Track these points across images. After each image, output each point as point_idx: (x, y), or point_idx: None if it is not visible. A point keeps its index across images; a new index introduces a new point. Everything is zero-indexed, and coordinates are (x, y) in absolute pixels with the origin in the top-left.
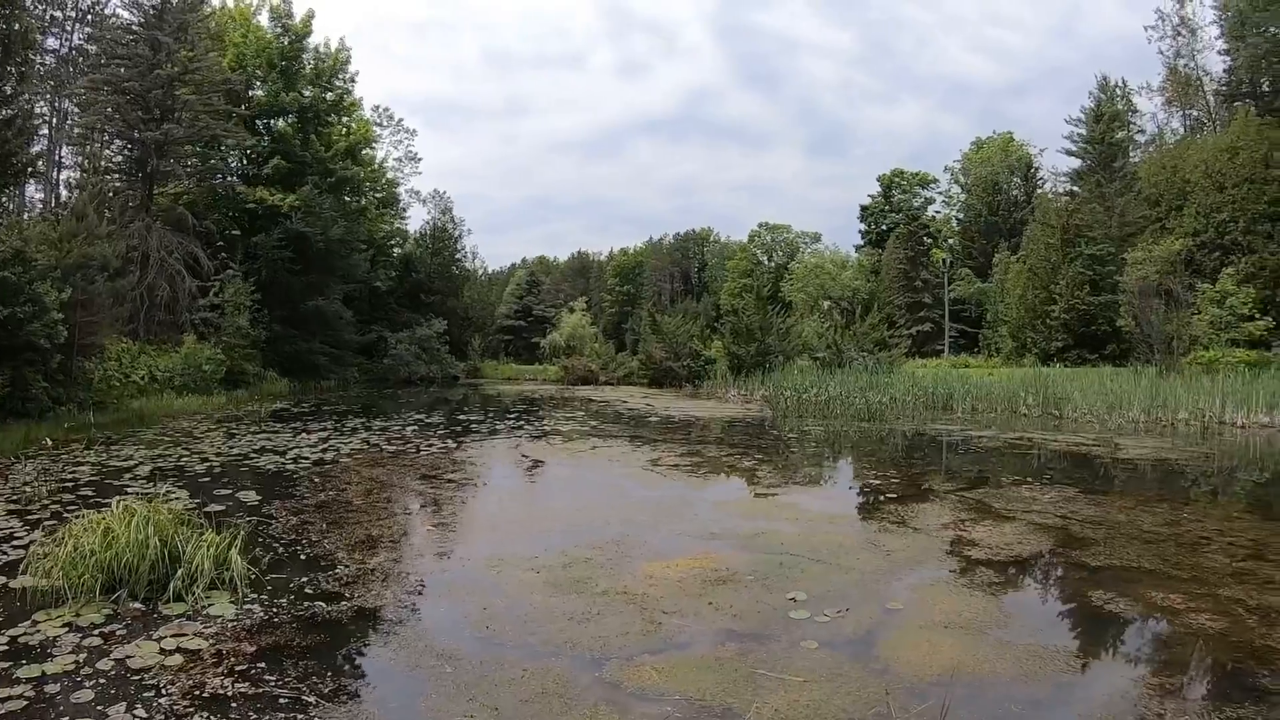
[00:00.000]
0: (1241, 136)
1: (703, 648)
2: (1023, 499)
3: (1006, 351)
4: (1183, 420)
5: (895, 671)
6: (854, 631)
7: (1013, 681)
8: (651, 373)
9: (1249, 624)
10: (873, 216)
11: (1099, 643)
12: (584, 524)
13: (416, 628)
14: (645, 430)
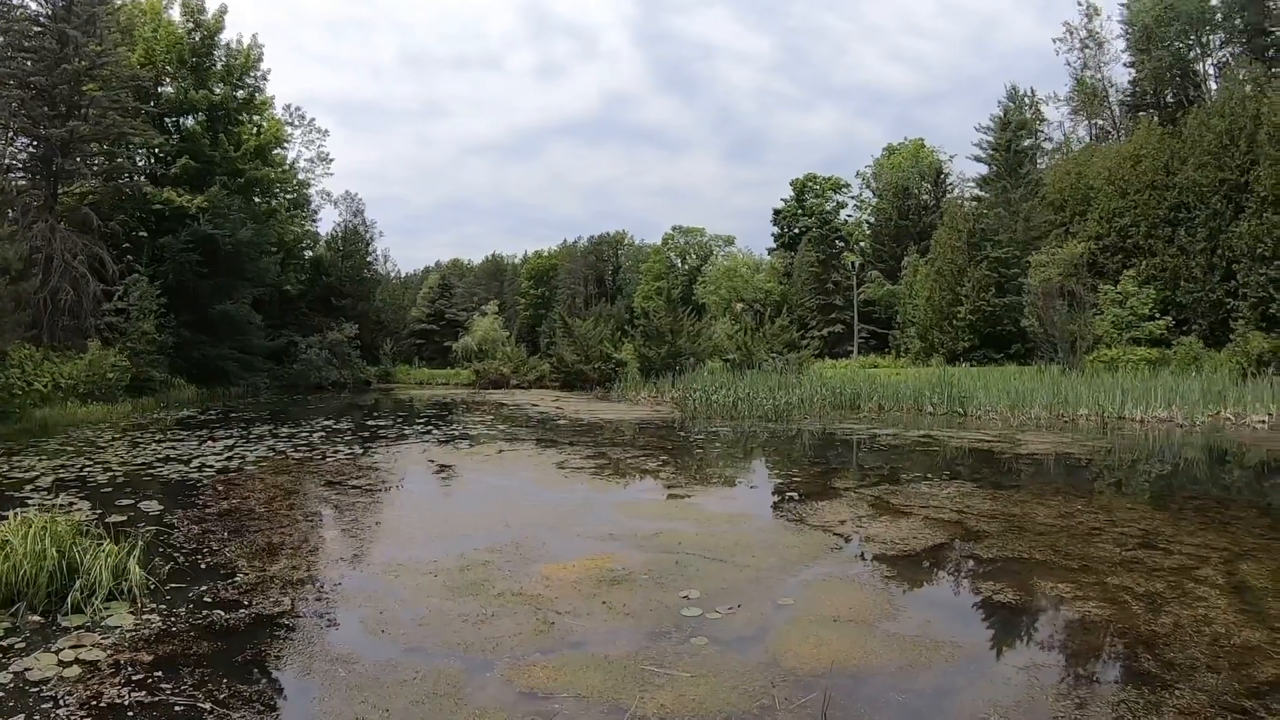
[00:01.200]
0: (1144, 145)
1: (594, 646)
2: (921, 495)
3: (915, 352)
4: (1083, 416)
5: (782, 665)
6: (744, 628)
7: (898, 672)
8: (563, 376)
9: (1135, 610)
10: (785, 220)
11: (986, 633)
12: (485, 528)
13: (313, 633)
14: (553, 433)
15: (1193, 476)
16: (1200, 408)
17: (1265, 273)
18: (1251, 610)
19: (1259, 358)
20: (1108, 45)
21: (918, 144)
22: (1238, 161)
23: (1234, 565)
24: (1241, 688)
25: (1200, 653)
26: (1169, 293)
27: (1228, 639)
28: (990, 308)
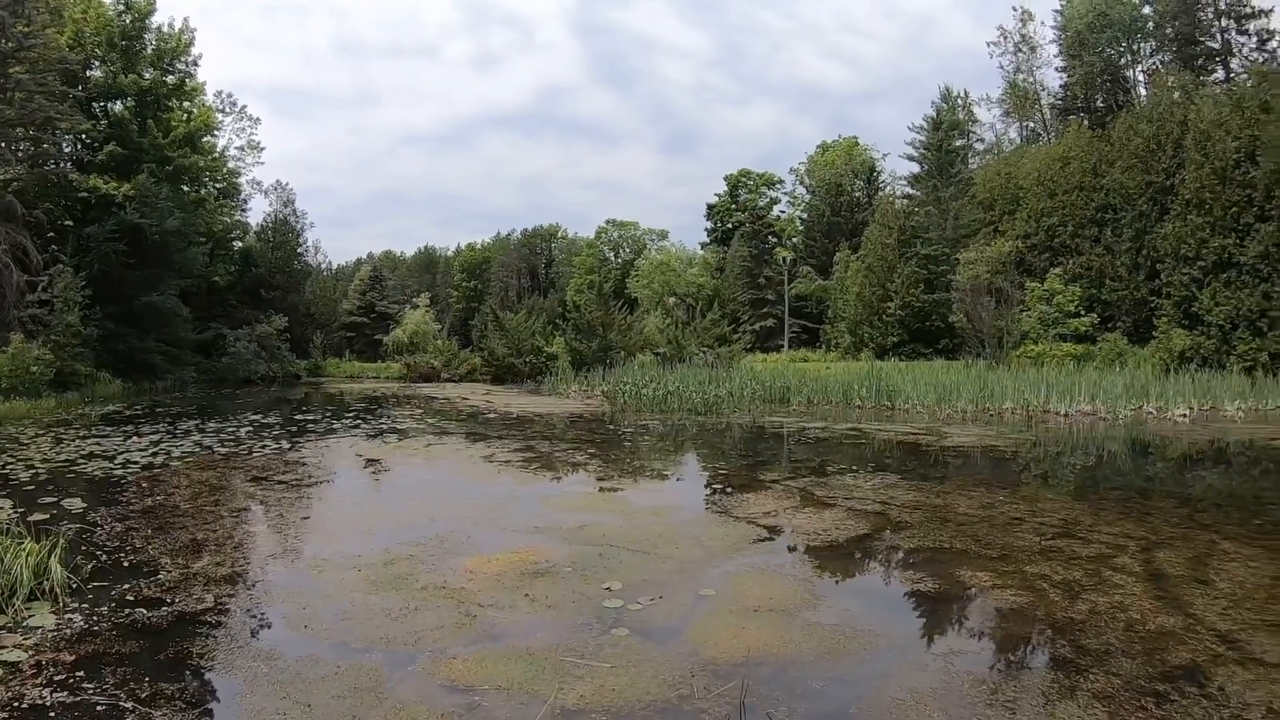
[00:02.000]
0: (1073, 147)
1: (515, 639)
2: (846, 487)
3: (844, 346)
4: (1009, 410)
5: (702, 655)
6: (665, 618)
7: (817, 660)
8: (494, 369)
9: (1052, 598)
10: (719, 215)
11: (905, 621)
12: (410, 522)
13: (236, 630)
14: (482, 427)
15: (1114, 469)
16: (1123, 402)
17: (1188, 273)
18: (1166, 597)
19: (1181, 354)
20: (1040, 50)
21: (851, 142)
22: (1164, 165)
23: (1151, 554)
24: (1155, 672)
25: (1116, 638)
26: (1095, 291)
27: (1143, 625)
28: (919, 304)
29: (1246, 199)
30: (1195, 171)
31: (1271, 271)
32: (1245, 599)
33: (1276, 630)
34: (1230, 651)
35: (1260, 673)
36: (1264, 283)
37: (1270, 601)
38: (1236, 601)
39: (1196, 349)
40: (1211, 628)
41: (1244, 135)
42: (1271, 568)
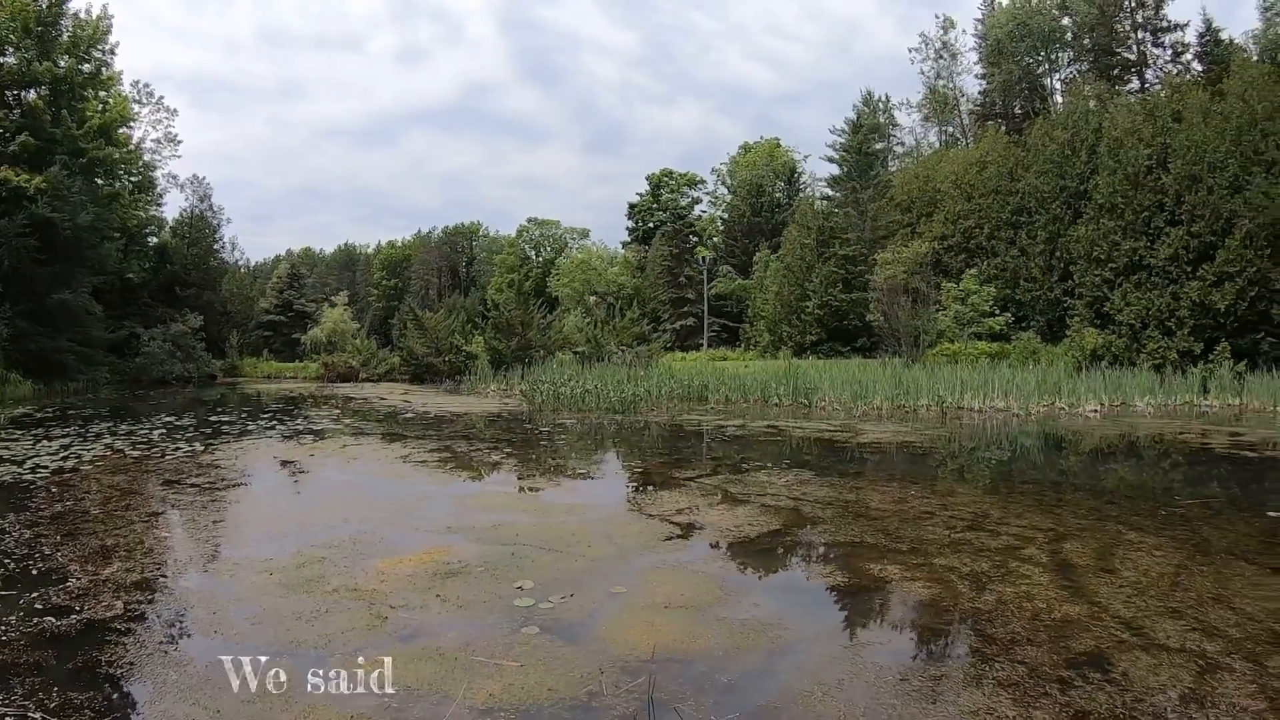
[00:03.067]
0: (991, 152)
1: (425, 639)
2: (760, 484)
3: (763, 345)
4: (924, 406)
5: (611, 652)
6: (576, 616)
7: (725, 655)
8: (413, 369)
9: (960, 589)
10: (640, 214)
11: (815, 615)
12: (323, 523)
13: (145, 636)
14: (399, 427)
15: (1025, 463)
16: (1035, 398)
17: (1099, 274)
18: (1072, 586)
19: (1093, 352)
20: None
21: (773, 143)
22: (1078, 170)
23: (1058, 545)
24: (1060, 659)
25: (1021, 627)
26: (1009, 291)
27: (1048, 614)
28: (837, 303)
29: (1157, 204)
30: (1108, 177)
31: (1180, 273)
32: (1149, 587)
33: (1179, 616)
34: (1134, 638)
35: (1163, 657)
36: (1173, 284)
37: (1174, 589)
38: (1141, 590)
39: (1108, 347)
40: (1116, 615)
41: (1156, 143)
42: (1176, 556)
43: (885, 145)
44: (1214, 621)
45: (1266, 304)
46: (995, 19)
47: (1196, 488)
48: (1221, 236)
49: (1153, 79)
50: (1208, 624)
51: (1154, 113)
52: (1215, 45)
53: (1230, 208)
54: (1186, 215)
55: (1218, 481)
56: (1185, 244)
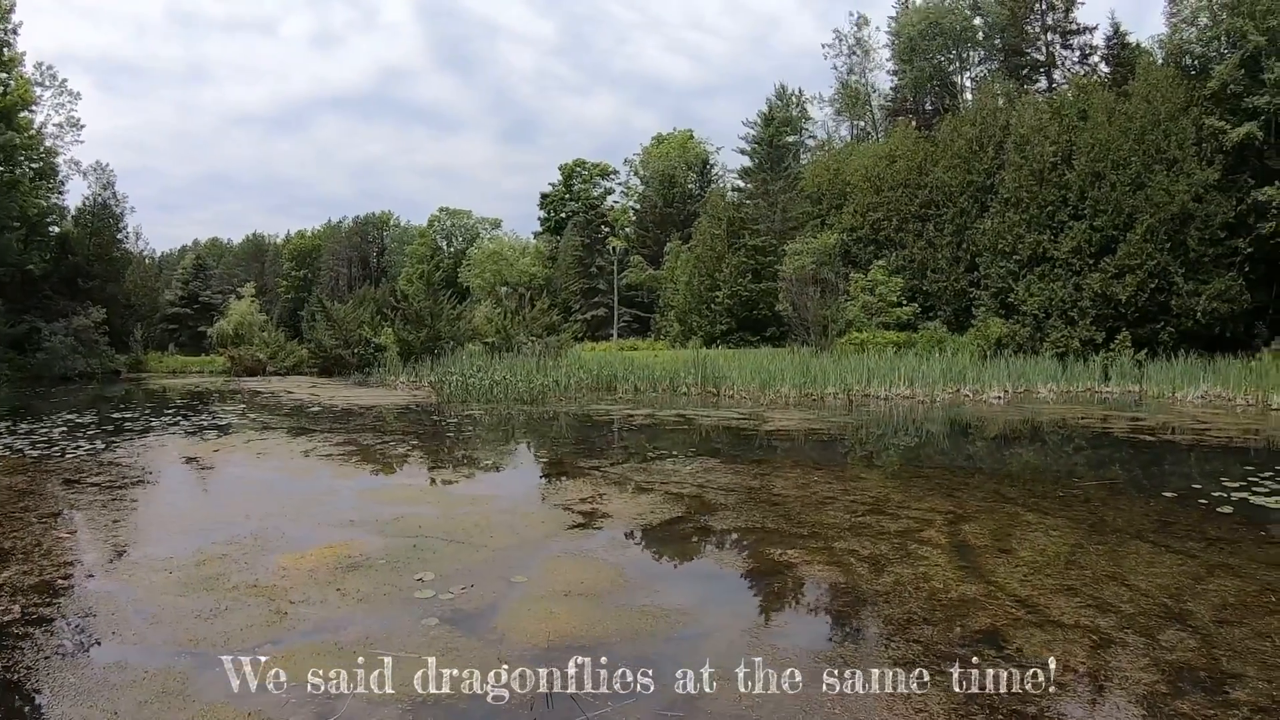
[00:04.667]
0: (900, 146)
1: (324, 634)
2: (665, 472)
3: (673, 335)
4: (831, 394)
5: (510, 641)
6: (475, 607)
7: (624, 642)
8: (321, 361)
9: (859, 571)
10: (553, 204)
11: (714, 600)
12: (225, 520)
13: (42, 640)
14: (305, 421)
15: (928, 448)
16: (940, 386)
17: (1004, 266)
18: (969, 567)
19: (998, 341)
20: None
21: (686, 135)
22: (985, 166)
23: (956, 527)
24: (956, 637)
25: (918, 607)
26: (917, 282)
27: (945, 594)
28: (747, 293)
29: (1061, 199)
30: (1014, 172)
31: (1083, 265)
32: (1045, 566)
33: (1073, 594)
34: (1029, 615)
35: (1057, 634)
36: (1075, 275)
37: (1069, 567)
38: (1037, 569)
39: (1012, 336)
40: (1012, 594)
41: (1061, 140)
42: (1072, 536)
43: (797, 138)
44: (1108, 598)
45: (1165, 295)
46: (908, 17)
47: (1096, 470)
48: (1123, 231)
49: (1060, 79)
50: (1102, 600)
51: (1060, 111)
52: (1122, 48)
53: (1132, 203)
54: (1090, 210)
55: (1117, 464)
56: (1088, 238)
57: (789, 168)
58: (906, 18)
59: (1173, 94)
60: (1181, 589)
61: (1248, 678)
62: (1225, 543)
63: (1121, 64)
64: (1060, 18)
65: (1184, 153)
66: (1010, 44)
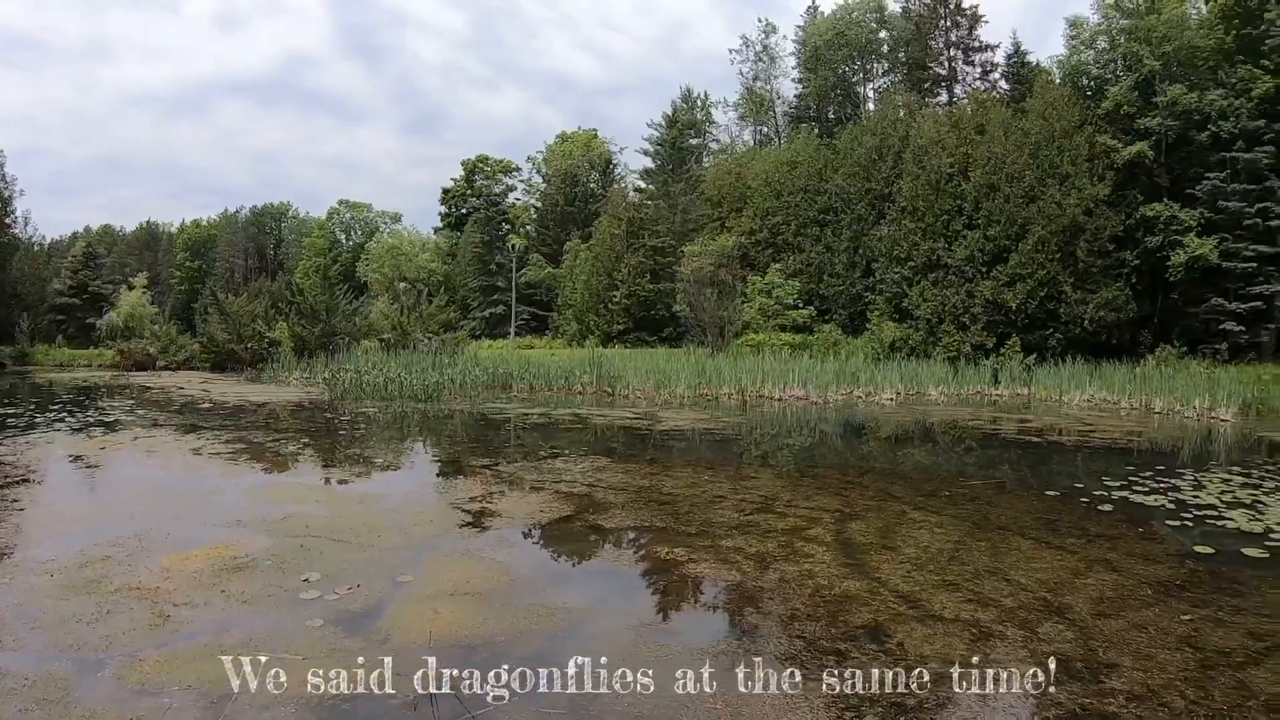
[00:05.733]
0: (802, 152)
1: (208, 637)
2: (556, 470)
3: (571, 334)
4: (725, 394)
5: (394, 640)
6: (361, 607)
7: (509, 640)
8: (214, 356)
9: (745, 569)
10: (454, 200)
11: (599, 597)
12: (109, 520)
13: None
14: (195, 418)
15: (820, 448)
16: (834, 387)
17: (899, 271)
18: (853, 564)
19: (891, 344)
20: (780, 61)
21: (590, 134)
22: (884, 174)
23: (843, 525)
24: (838, 632)
25: (802, 604)
26: (814, 285)
27: (829, 590)
28: (645, 293)
29: (956, 209)
30: (912, 182)
31: (975, 273)
32: (928, 562)
33: (954, 589)
34: (911, 610)
35: (938, 628)
36: (968, 283)
37: (951, 563)
38: (920, 565)
39: (905, 340)
40: (894, 590)
41: (959, 152)
42: (956, 533)
43: (700, 141)
44: (989, 593)
45: (1055, 303)
46: (815, 27)
47: (983, 470)
48: (1015, 241)
49: (961, 94)
50: (983, 595)
51: (959, 124)
52: (1022, 67)
53: (1024, 215)
54: (983, 220)
55: (1005, 464)
56: (981, 246)
57: (690, 170)
58: (813, 27)
59: (1068, 112)
60: (1061, 583)
61: (1124, 667)
62: (1105, 539)
63: (1021, 82)
64: (964, 35)
65: (1076, 168)
66: (914, 58)
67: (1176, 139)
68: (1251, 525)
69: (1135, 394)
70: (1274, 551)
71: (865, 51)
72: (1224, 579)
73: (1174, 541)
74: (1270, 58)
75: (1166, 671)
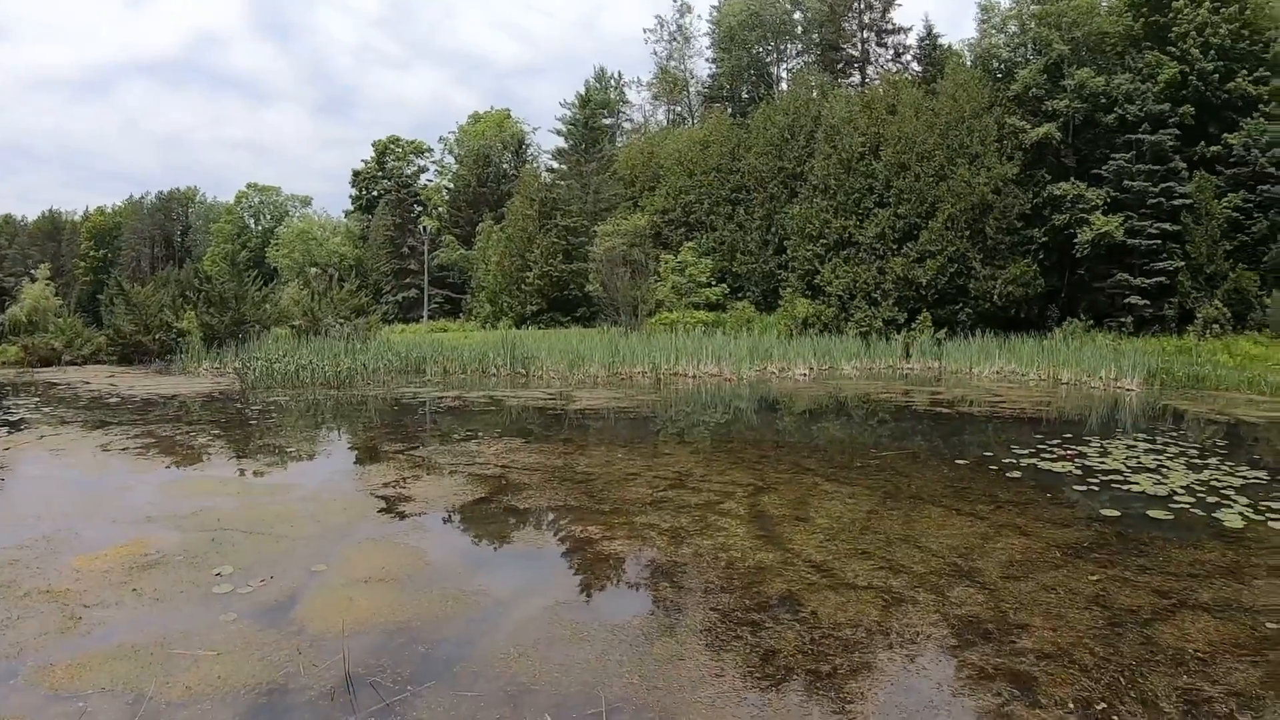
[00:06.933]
0: (715, 132)
1: (121, 637)
2: (468, 453)
3: (484, 316)
4: (639, 373)
5: (309, 631)
6: (275, 599)
7: (424, 625)
8: (121, 349)
9: (659, 544)
10: (365, 182)
11: (515, 578)
12: (14, 522)
13: None
14: (103, 414)
15: (735, 424)
16: (748, 364)
17: (812, 249)
18: (767, 536)
19: (804, 320)
20: (694, 41)
21: (503, 114)
22: (796, 153)
23: (757, 499)
24: (753, 603)
25: (716, 576)
26: (726, 263)
27: (743, 562)
28: (558, 273)
29: (868, 187)
30: (824, 161)
31: (886, 250)
32: (841, 532)
33: (867, 557)
34: (824, 579)
35: (850, 595)
36: (879, 259)
37: (864, 533)
38: (832, 535)
39: (818, 316)
40: (808, 560)
41: (870, 132)
42: (868, 503)
43: (614, 121)
44: (901, 560)
45: (964, 279)
46: (730, 7)
47: (896, 442)
48: (925, 219)
49: (873, 75)
50: (895, 562)
51: (870, 105)
52: (934, 49)
53: (935, 193)
54: (894, 198)
55: (918, 436)
56: (892, 224)
57: (603, 150)
58: (728, 7)
59: (978, 94)
60: (971, 549)
61: (1034, 627)
62: (1014, 505)
63: (932, 64)
64: (877, 17)
65: (986, 148)
66: (828, 39)
67: (1084, 121)
68: (1156, 489)
69: (1043, 366)
70: (1178, 513)
71: (779, 32)
72: (1130, 540)
73: (1082, 506)
74: (1177, 44)
75: (1076, 630)
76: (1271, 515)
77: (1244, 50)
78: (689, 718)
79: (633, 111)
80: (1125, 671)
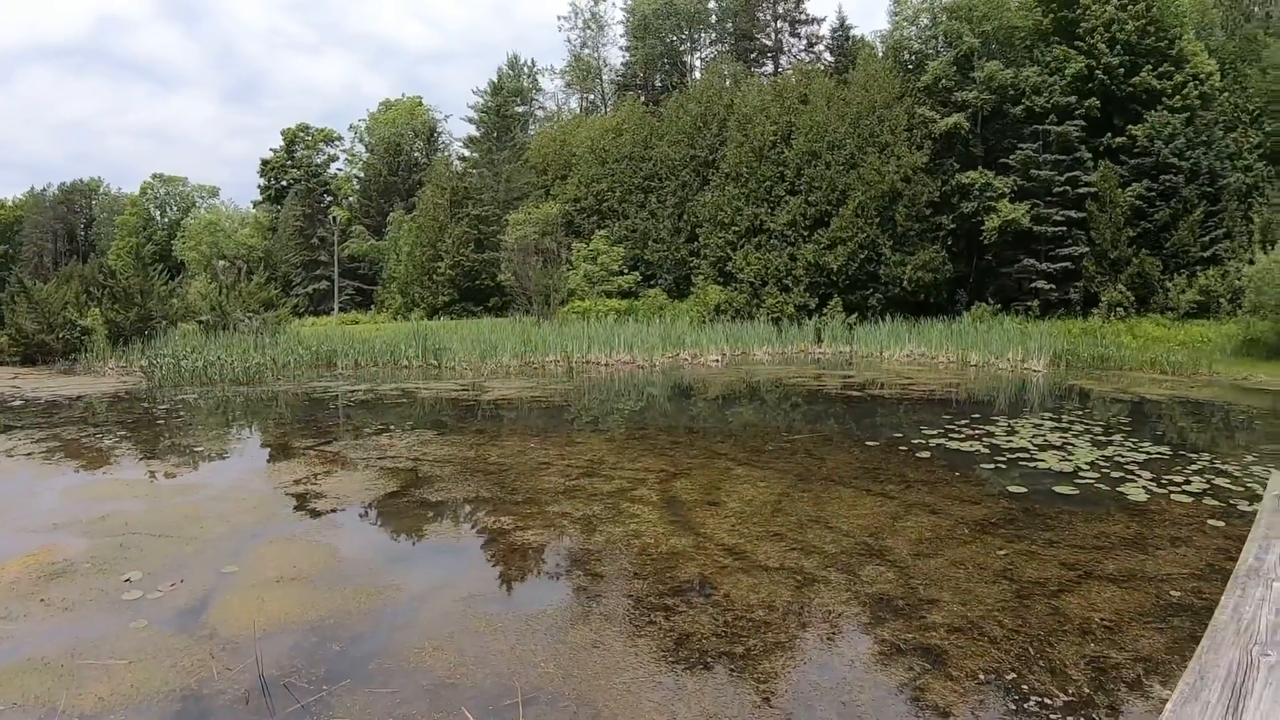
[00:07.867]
0: (627, 120)
1: (29, 649)
2: (380, 447)
3: (396, 307)
4: (552, 362)
5: (222, 635)
6: (186, 603)
7: (338, 622)
8: (23, 349)
9: (572, 533)
10: (273, 172)
11: (429, 572)
12: None
13: None
14: (4, 417)
15: (648, 411)
16: (660, 351)
17: (724, 236)
18: (679, 521)
19: (716, 307)
20: (608, 29)
21: (414, 101)
22: (708, 142)
23: (668, 485)
24: (666, 588)
25: (629, 563)
26: (639, 251)
27: (655, 548)
28: (470, 263)
29: (779, 175)
30: (736, 149)
31: (798, 237)
32: (752, 515)
33: (779, 539)
34: (736, 562)
35: (763, 577)
36: (790, 246)
37: (775, 515)
38: (744, 518)
39: (730, 303)
40: (720, 543)
41: (782, 121)
42: (779, 486)
43: (527, 109)
44: (812, 541)
45: (875, 265)
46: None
47: (808, 425)
48: (836, 206)
49: (786, 65)
50: (806, 543)
51: (782, 94)
52: (846, 40)
53: (845, 181)
54: (806, 186)
55: (829, 419)
56: (803, 211)
57: (515, 138)
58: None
59: (889, 84)
60: (881, 528)
61: (944, 602)
62: (923, 484)
63: (845, 54)
64: (791, 8)
65: (896, 138)
66: (741, 29)
67: (992, 112)
68: (1062, 465)
69: (952, 349)
70: (1083, 489)
71: (693, 21)
72: (1037, 515)
73: (990, 483)
74: (1085, 39)
75: (985, 603)
76: (1174, 489)
77: (1149, 46)
78: (605, 703)
79: (546, 99)
80: (1034, 642)
